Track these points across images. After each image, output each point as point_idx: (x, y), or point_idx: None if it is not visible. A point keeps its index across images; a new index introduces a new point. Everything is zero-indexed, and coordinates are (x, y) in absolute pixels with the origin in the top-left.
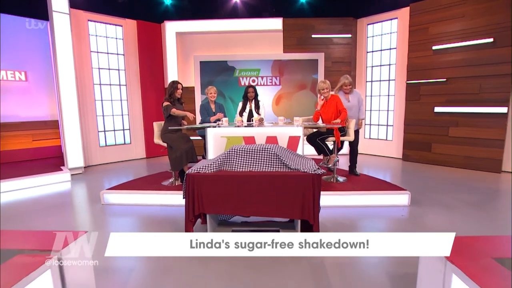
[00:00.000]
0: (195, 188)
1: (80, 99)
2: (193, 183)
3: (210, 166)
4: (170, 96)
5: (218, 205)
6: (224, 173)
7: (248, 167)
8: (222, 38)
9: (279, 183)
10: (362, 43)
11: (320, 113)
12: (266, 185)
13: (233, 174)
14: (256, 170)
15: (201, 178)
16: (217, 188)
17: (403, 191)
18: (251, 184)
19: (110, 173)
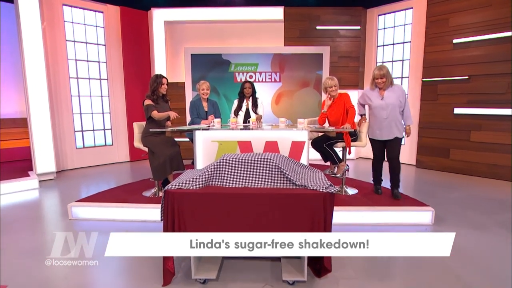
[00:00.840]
0: (176, 209)
1: (53, 94)
2: (174, 202)
3: (196, 180)
4: (153, 93)
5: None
6: (213, 190)
7: (243, 182)
8: (216, 28)
9: (282, 203)
10: (372, 36)
11: (326, 115)
12: (265, 207)
13: (225, 191)
14: (253, 186)
15: (183, 196)
16: (204, 209)
17: (425, 207)
18: (246, 204)
19: (86, 179)
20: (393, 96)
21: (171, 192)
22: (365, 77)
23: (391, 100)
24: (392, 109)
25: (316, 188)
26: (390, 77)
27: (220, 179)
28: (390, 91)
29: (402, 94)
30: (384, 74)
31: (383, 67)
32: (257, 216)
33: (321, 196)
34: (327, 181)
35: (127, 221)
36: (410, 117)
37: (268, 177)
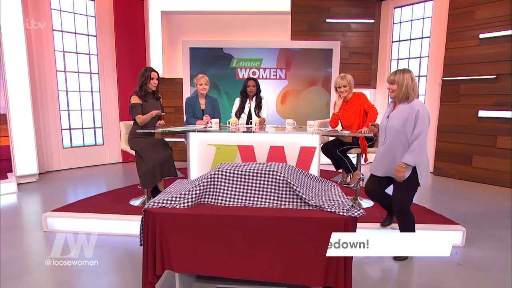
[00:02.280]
0: (158, 233)
1: (38, 88)
2: (155, 225)
3: (184, 197)
4: (141, 88)
5: (194, 262)
6: (205, 210)
7: (243, 200)
8: (217, 20)
9: (291, 229)
10: (387, 30)
11: (339, 116)
12: (269, 232)
13: (219, 212)
14: (255, 205)
15: (167, 217)
16: (193, 234)
17: (454, 225)
18: (246, 229)
19: (72, 183)
20: (398, 116)
21: (152, 212)
22: (378, 75)
23: (393, 122)
24: (391, 134)
25: (335, 211)
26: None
27: (214, 195)
28: (400, 109)
29: (414, 116)
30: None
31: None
32: (259, 245)
33: (342, 221)
34: (346, 199)
35: (109, 235)
36: (412, 154)
37: (274, 195)
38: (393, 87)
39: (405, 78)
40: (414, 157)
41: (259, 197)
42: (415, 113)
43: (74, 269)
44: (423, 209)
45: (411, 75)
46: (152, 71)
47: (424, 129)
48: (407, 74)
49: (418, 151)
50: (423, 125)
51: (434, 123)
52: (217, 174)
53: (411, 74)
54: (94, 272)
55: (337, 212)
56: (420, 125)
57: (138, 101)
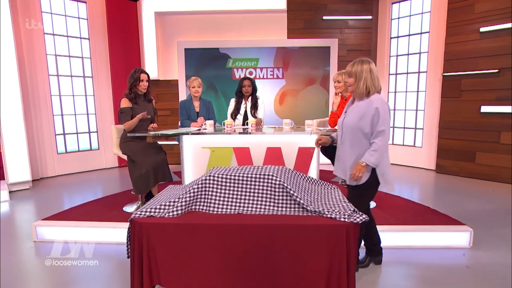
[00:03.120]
0: (145, 245)
1: (30, 93)
2: (142, 236)
3: (173, 205)
4: (131, 91)
5: (184, 276)
6: (195, 219)
7: (237, 206)
8: (212, 20)
9: (289, 237)
10: (385, 26)
11: (337, 114)
12: (266, 242)
13: (211, 221)
14: (249, 212)
15: (155, 228)
16: (182, 246)
17: (460, 225)
18: (240, 239)
19: (67, 189)
20: (355, 112)
21: (139, 222)
22: None
23: (349, 118)
24: (347, 133)
25: (335, 217)
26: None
27: (205, 202)
28: (358, 105)
29: (371, 113)
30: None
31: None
32: (254, 256)
33: (343, 228)
34: (348, 203)
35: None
36: (374, 154)
37: (270, 200)
38: (350, 81)
39: (363, 71)
40: (376, 158)
41: (254, 204)
42: (372, 111)
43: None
44: (427, 209)
45: (370, 67)
46: (142, 73)
47: (387, 129)
48: (365, 65)
49: (380, 152)
50: (385, 125)
51: (435, 120)
52: (208, 180)
53: (370, 65)
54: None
55: (337, 218)
56: (382, 124)
57: (128, 105)
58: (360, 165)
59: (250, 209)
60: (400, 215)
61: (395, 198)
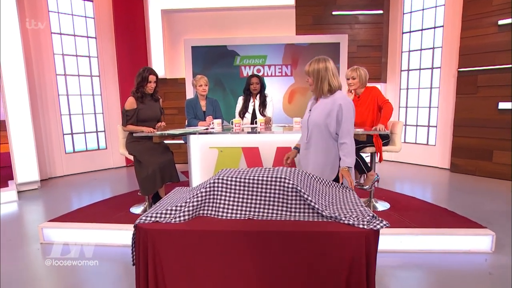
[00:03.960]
0: (151, 253)
1: (38, 93)
2: (147, 243)
3: (180, 209)
4: (138, 90)
5: (191, 285)
6: (204, 225)
7: (247, 212)
8: (218, 17)
9: (303, 245)
10: (397, 21)
11: None
12: (278, 250)
13: (220, 227)
14: (260, 218)
15: (161, 234)
16: (190, 253)
17: (481, 229)
18: (251, 246)
19: (75, 189)
20: (320, 110)
21: (144, 228)
22: (388, 69)
23: (315, 116)
24: (315, 130)
25: (353, 223)
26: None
27: (214, 207)
28: (322, 102)
29: (336, 111)
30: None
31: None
32: (267, 265)
33: (362, 235)
34: (365, 207)
35: (107, 246)
36: (349, 156)
37: (283, 205)
38: (310, 80)
39: (320, 70)
40: (352, 158)
41: (265, 208)
42: (337, 107)
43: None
44: (444, 211)
45: (326, 65)
46: (151, 74)
47: (352, 128)
48: (322, 64)
49: (353, 151)
50: (351, 123)
51: (449, 117)
52: (217, 182)
53: (326, 64)
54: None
55: (356, 225)
56: (349, 123)
57: (133, 107)
58: (345, 172)
59: (261, 214)
60: (416, 217)
61: (409, 199)
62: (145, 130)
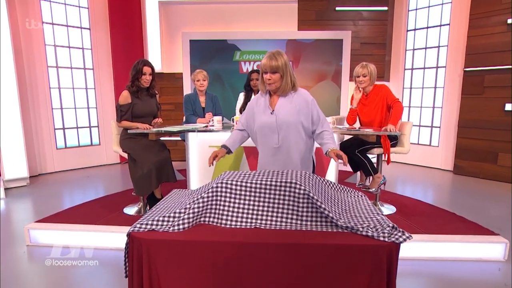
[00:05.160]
0: (146, 264)
1: (28, 86)
2: (141, 253)
3: (179, 217)
4: (133, 84)
5: None
6: (205, 235)
7: (253, 220)
8: (218, 10)
9: (316, 260)
10: (401, 18)
11: (357, 112)
12: (288, 264)
13: (223, 238)
14: (268, 227)
15: (157, 244)
16: (189, 266)
17: (493, 235)
18: (258, 259)
19: (66, 187)
20: (289, 108)
21: (138, 238)
22: (391, 67)
23: (285, 117)
24: (290, 130)
25: (373, 235)
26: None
27: (217, 214)
28: (287, 101)
29: (309, 107)
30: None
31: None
32: (275, 281)
33: (384, 250)
34: (383, 216)
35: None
36: (334, 140)
37: (293, 213)
38: (275, 77)
39: (287, 64)
40: (335, 143)
41: (274, 217)
42: (309, 103)
43: None
44: (453, 216)
45: (286, 58)
46: (145, 65)
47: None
48: (285, 57)
49: (334, 137)
50: (322, 115)
51: (454, 118)
52: (220, 187)
53: (286, 57)
54: None
55: (375, 237)
56: (322, 115)
57: (128, 101)
58: (335, 150)
59: (269, 223)
60: (424, 222)
61: (416, 202)
62: (140, 126)
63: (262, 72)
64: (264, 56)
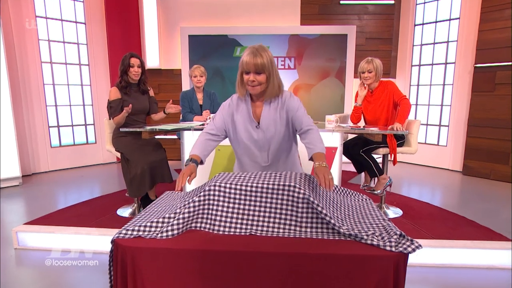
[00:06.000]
0: (131, 274)
1: (21, 82)
2: (126, 262)
3: (168, 222)
4: (122, 79)
5: None
6: (196, 243)
7: (248, 227)
8: (218, 4)
9: (317, 271)
10: (409, 12)
11: (362, 109)
12: (285, 276)
13: (215, 246)
14: (264, 234)
15: (144, 252)
16: (179, 278)
17: (507, 241)
18: (253, 270)
19: (60, 187)
20: (274, 120)
21: (123, 246)
22: (398, 63)
23: (271, 133)
24: (280, 145)
25: (378, 244)
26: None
27: (209, 219)
28: (272, 109)
29: (295, 111)
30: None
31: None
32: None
33: (391, 261)
34: (389, 222)
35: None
36: (321, 141)
37: (291, 219)
38: (260, 78)
39: (272, 62)
40: (323, 143)
41: (271, 222)
42: (295, 108)
43: None
44: (463, 220)
45: (271, 55)
46: (132, 57)
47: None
48: (270, 53)
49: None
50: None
51: (463, 117)
52: (213, 190)
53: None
54: None
55: (381, 246)
56: (305, 114)
57: (117, 96)
58: (322, 169)
59: (265, 230)
60: (433, 226)
61: (423, 204)
62: (124, 112)
63: (242, 71)
64: (244, 52)
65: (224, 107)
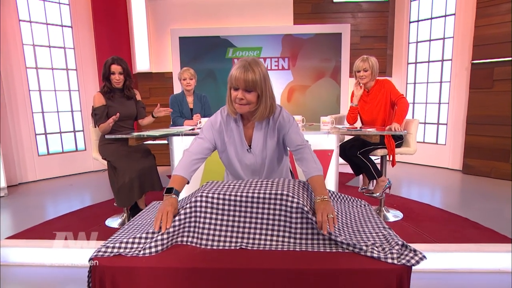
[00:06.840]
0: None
1: (4, 88)
2: (105, 284)
3: (150, 238)
4: (105, 85)
5: None
6: (181, 261)
7: (238, 240)
8: (209, 5)
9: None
10: (404, 9)
11: (358, 110)
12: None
13: (203, 264)
14: (256, 247)
15: (123, 272)
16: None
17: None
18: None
19: (47, 197)
20: (264, 141)
21: (101, 265)
22: (394, 62)
23: (264, 155)
24: (273, 166)
25: (379, 256)
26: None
27: (196, 232)
28: (261, 128)
29: (287, 129)
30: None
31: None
32: None
33: (393, 274)
34: (389, 231)
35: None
36: (318, 163)
37: (285, 230)
38: (250, 97)
39: (266, 79)
40: (319, 162)
41: (263, 234)
42: (287, 127)
43: None
44: (465, 222)
45: (264, 69)
46: (113, 64)
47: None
48: (264, 67)
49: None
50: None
51: (462, 114)
52: (199, 201)
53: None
54: None
55: (382, 259)
56: (297, 128)
57: (102, 103)
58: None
59: (256, 243)
60: (435, 229)
61: (424, 206)
62: (111, 120)
63: (230, 87)
64: (234, 66)
65: (213, 125)
